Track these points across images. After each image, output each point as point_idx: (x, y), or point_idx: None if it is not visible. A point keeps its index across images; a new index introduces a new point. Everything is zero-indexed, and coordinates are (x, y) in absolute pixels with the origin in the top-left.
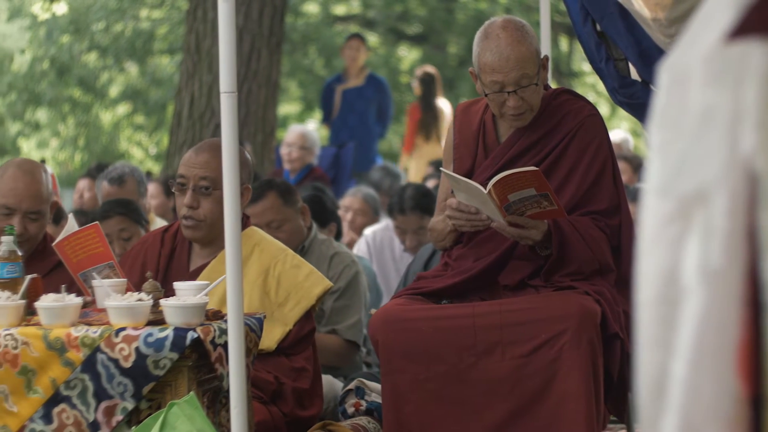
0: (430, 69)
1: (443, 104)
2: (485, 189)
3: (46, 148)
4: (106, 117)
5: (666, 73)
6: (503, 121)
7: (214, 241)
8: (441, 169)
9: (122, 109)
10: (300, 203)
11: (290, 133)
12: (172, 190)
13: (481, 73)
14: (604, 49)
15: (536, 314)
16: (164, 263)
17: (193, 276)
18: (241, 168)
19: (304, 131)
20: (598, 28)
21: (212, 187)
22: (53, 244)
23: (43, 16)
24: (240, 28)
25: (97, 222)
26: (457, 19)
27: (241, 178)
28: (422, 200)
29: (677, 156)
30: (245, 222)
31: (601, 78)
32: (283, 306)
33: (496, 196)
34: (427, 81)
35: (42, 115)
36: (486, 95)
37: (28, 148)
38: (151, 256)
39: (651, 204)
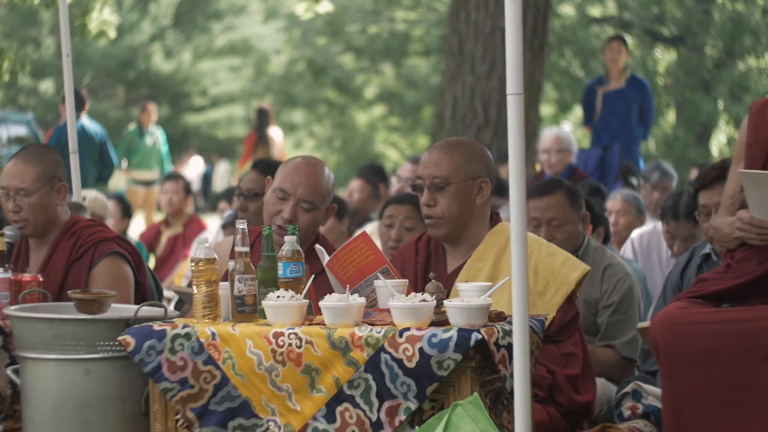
0: (264, 106)
1: (274, 133)
2: None
3: (302, 149)
4: (362, 118)
5: None
6: None
7: (462, 238)
8: (740, 171)
9: (378, 110)
10: (583, 210)
11: (545, 138)
12: (413, 192)
13: None
14: None
15: None
16: (421, 270)
17: (452, 278)
18: (477, 161)
19: (558, 133)
20: None
21: (445, 183)
22: (324, 264)
23: (306, 15)
24: (503, 31)
25: (365, 230)
26: (714, 21)
27: (477, 171)
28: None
29: None
30: (495, 217)
31: None
32: (543, 294)
33: None
34: (262, 115)
35: (298, 116)
36: None
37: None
38: (408, 266)
39: None
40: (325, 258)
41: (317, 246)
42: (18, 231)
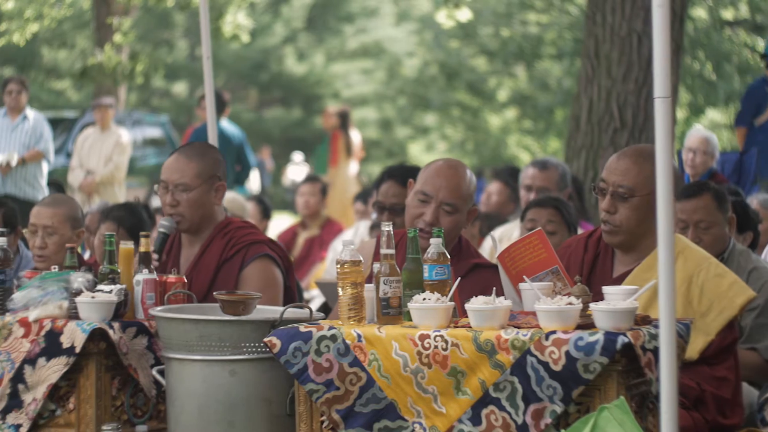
0: (345, 108)
1: (353, 134)
2: None
3: (434, 152)
4: (494, 121)
5: None
6: None
7: (635, 247)
8: None
9: (510, 113)
10: (730, 212)
11: (692, 138)
12: (594, 194)
13: None
14: None
15: None
16: (587, 268)
17: (617, 282)
18: None
19: (706, 135)
20: None
21: (629, 194)
22: (497, 255)
23: (447, 24)
24: (639, 33)
25: (540, 228)
26: None
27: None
28: None
29: None
30: None
31: None
32: (705, 315)
33: None
34: (344, 117)
35: (430, 119)
36: None
37: (416, 152)
38: (575, 261)
39: None
40: (498, 249)
41: (491, 234)
42: (174, 223)
